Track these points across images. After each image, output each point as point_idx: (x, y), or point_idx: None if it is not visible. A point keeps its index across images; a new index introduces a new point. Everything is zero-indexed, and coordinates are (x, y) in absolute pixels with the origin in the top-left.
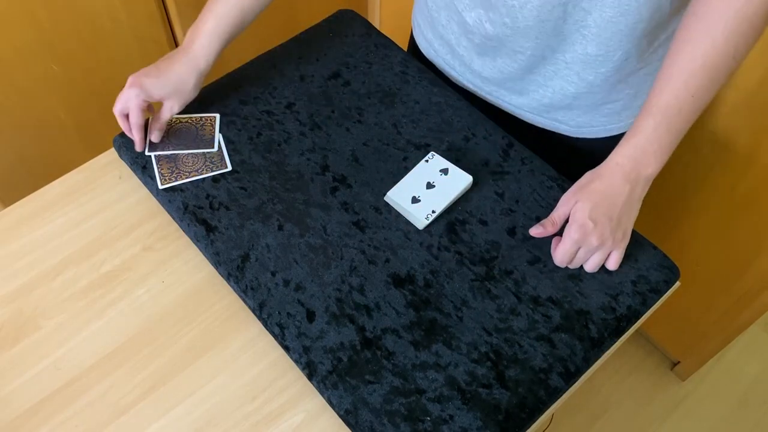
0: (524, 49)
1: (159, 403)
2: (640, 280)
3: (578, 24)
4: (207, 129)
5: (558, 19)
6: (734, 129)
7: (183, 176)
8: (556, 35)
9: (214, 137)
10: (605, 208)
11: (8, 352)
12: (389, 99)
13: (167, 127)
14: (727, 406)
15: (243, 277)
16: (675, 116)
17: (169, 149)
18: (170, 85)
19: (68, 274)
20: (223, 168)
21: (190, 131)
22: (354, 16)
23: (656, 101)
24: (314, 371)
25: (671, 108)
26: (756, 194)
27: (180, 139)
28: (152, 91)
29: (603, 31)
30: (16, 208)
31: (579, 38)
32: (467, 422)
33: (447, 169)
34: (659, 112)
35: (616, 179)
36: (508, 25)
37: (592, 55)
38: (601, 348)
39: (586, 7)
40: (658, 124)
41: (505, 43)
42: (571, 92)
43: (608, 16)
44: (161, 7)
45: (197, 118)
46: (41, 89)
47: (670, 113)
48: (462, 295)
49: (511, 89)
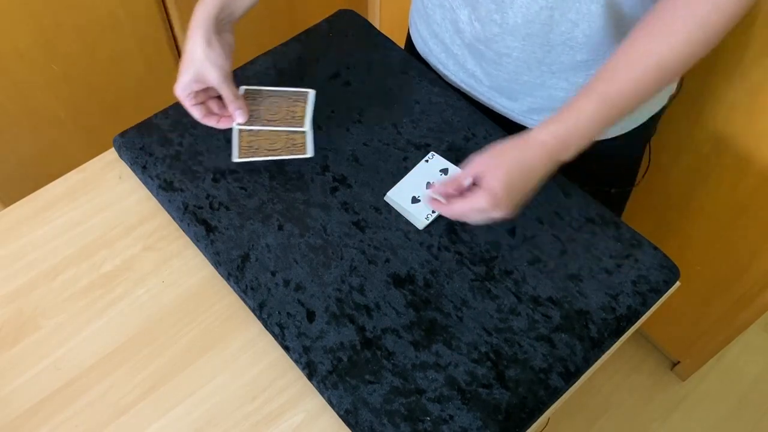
0: (510, 50)
1: (159, 403)
2: (640, 280)
3: (565, 36)
4: (299, 106)
5: (544, 25)
6: (734, 129)
7: (261, 154)
8: (541, 45)
9: (305, 116)
10: (520, 182)
11: (8, 352)
12: (389, 99)
13: (260, 98)
14: (727, 406)
15: (243, 277)
16: (614, 108)
17: (257, 123)
18: (187, 61)
19: (68, 274)
20: (302, 153)
21: (281, 107)
22: (354, 16)
23: (603, 88)
24: (314, 371)
25: (614, 99)
26: (756, 194)
27: (270, 114)
28: (181, 77)
29: (590, 40)
30: (16, 208)
31: (566, 50)
32: (467, 422)
33: (447, 169)
34: (602, 100)
35: (537, 156)
36: (497, 23)
37: (581, 61)
38: (601, 348)
39: (573, 18)
40: (595, 111)
41: (491, 45)
42: (560, 97)
43: (597, 26)
44: (161, 7)
45: (291, 92)
46: (41, 89)
47: (610, 104)
48: (462, 295)
49: (501, 92)
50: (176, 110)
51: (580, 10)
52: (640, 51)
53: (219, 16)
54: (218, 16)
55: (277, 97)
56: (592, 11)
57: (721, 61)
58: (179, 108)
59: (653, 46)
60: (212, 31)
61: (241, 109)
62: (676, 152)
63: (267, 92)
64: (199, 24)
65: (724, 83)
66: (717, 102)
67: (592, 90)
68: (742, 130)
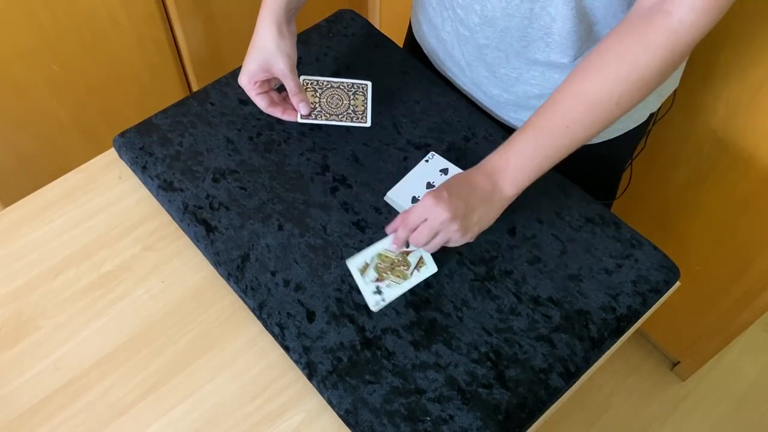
0: (489, 41)
1: (159, 403)
2: (640, 280)
3: (542, 31)
4: (359, 99)
5: (524, 18)
6: (734, 129)
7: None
8: (519, 39)
9: (366, 110)
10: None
11: (8, 352)
12: (389, 99)
13: (319, 89)
14: (727, 406)
15: (243, 277)
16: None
17: (320, 117)
18: (255, 50)
19: (68, 274)
20: (363, 122)
21: (342, 100)
22: (354, 16)
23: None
24: (314, 371)
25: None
26: (756, 194)
27: (332, 107)
28: (248, 65)
29: (564, 41)
30: (16, 208)
31: (543, 46)
32: (467, 422)
33: (447, 169)
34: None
35: (476, 174)
36: (477, 13)
37: (555, 61)
38: (601, 348)
39: (552, 14)
40: (528, 140)
41: (474, 35)
42: (535, 93)
43: (569, 27)
44: (161, 7)
45: (349, 84)
46: (41, 89)
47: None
48: (462, 295)
49: (479, 86)
50: (176, 110)
51: (558, 8)
52: (573, 88)
53: (288, 5)
54: (287, 6)
55: (336, 89)
56: (565, 13)
57: (721, 61)
58: (179, 108)
59: (584, 84)
60: (283, 20)
61: (304, 102)
62: (676, 152)
63: (326, 83)
64: (269, 12)
65: (723, 83)
66: (717, 101)
67: (528, 123)
68: (742, 130)
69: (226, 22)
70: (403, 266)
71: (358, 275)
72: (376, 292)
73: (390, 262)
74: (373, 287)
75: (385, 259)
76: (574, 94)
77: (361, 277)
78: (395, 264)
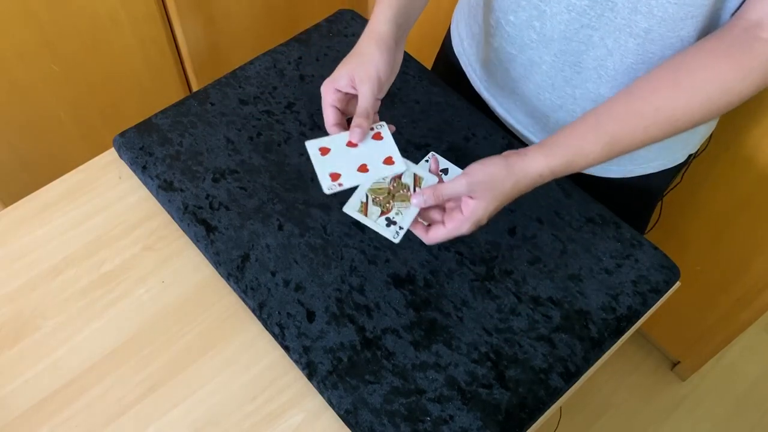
0: (542, 62)
1: (159, 403)
2: (640, 280)
3: (597, 62)
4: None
5: (581, 44)
6: (734, 129)
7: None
8: (572, 65)
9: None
10: (503, 206)
11: (8, 352)
12: (389, 99)
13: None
14: (727, 406)
15: (243, 277)
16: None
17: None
18: (350, 54)
19: (68, 274)
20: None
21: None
22: (354, 16)
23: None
24: (314, 371)
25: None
26: (756, 194)
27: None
28: (339, 70)
29: (620, 75)
30: (16, 208)
31: (594, 77)
32: (467, 422)
33: (447, 169)
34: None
35: (530, 185)
36: (536, 30)
37: (603, 96)
38: (601, 348)
39: (609, 46)
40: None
41: (525, 50)
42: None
43: (629, 62)
44: (161, 7)
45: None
46: (41, 89)
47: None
48: (462, 295)
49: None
50: (176, 110)
51: (618, 39)
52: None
53: (397, 20)
54: (396, 20)
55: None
56: (629, 46)
57: None
58: (179, 108)
59: (674, 103)
60: (393, 38)
61: (361, 130)
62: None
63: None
64: (379, 27)
65: None
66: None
67: (604, 132)
68: (742, 130)
69: (226, 22)
70: (403, 189)
71: (361, 217)
72: (389, 224)
73: (386, 192)
74: (383, 221)
75: (379, 191)
76: (657, 111)
77: (366, 217)
78: (393, 191)
